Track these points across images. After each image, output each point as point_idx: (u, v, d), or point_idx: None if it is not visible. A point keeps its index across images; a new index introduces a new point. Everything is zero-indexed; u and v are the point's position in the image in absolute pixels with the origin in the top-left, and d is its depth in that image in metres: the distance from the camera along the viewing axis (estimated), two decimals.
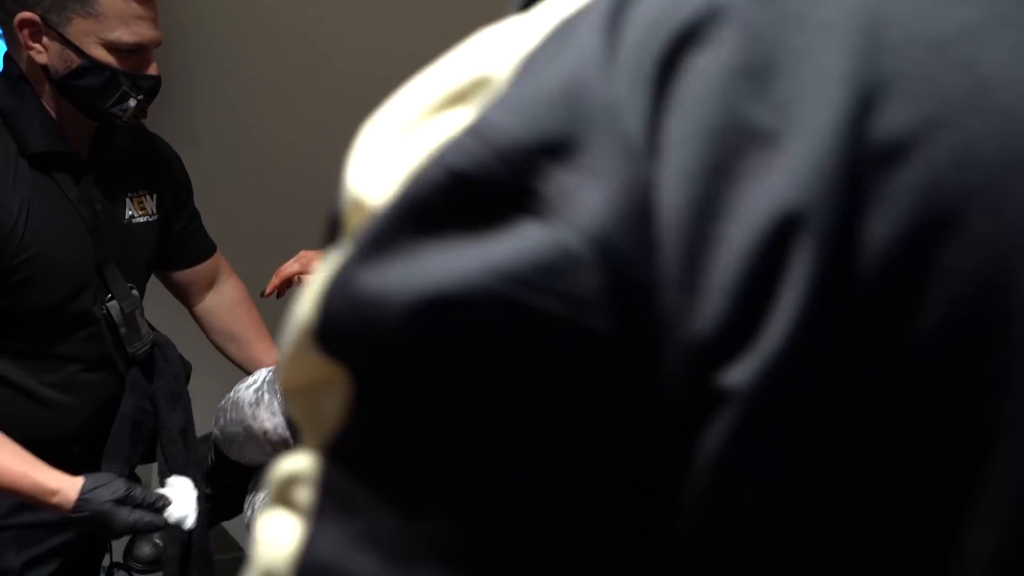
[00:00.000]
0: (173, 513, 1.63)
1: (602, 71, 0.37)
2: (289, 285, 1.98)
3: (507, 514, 0.36)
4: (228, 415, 1.75)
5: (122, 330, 1.78)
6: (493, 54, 0.39)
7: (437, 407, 0.36)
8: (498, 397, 0.35)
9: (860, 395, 0.36)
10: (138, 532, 1.60)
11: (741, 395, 0.35)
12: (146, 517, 1.58)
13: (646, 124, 0.36)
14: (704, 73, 0.37)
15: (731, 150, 0.36)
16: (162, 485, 1.72)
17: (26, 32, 1.62)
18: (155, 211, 1.88)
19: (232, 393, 1.79)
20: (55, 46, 1.63)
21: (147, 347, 1.84)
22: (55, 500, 1.55)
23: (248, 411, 1.71)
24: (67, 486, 1.55)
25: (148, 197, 1.87)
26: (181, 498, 1.65)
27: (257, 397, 1.74)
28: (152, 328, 1.89)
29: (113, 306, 1.77)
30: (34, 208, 1.65)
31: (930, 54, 0.38)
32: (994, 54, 0.38)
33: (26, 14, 1.61)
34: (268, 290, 1.89)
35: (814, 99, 0.36)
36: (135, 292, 1.83)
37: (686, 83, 0.37)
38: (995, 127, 0.37)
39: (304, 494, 0.39)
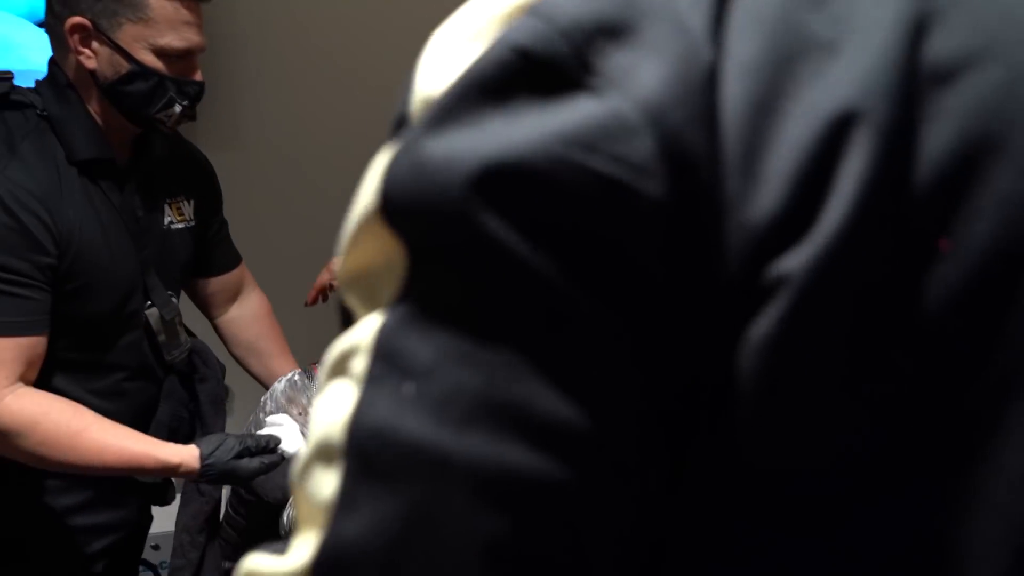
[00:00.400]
0: (287, 449, 1.71)
1: None
2: (326, 296, 2.07)
3: (560, 375, 0.36)
4: None
5: (160, 337, 1.78)
6: None
7: (497, 268, 0.37)
8: (557, 253, 0.36)
9: (910, 290, 0.37)
10: (263, 473, 1.69)
11: (795, 280, 0.36)
12: (266, 459, 1.67)
13: (708, 19, 0.38)
14: None
15: (791, 52, 0.38)
16: (261, 427, 1.77)
17: (76, 37, 1.61)
18: (192, 216, 1.87)
19: (253, 416, 1.78)
20: (105, 51, 1.62)
21: (184, 354, 1.84)
22: (181, 472, 1.64)
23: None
24: (187, 457, 1.63)
25: (186, 202, 1.86)
26: (288, 433, 1.72)
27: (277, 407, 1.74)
28: (191, 334, 1.89)
29: (152, 313, 1.76)
30: (87, 215, 1.64)
31: None
32: None
33: (77, 19, 1.59)
34: (309, 299, 2.07)
35: (871, 16, 0.38)
36: (174, 300, 1.82)
37: None
38: None
39: (359, 363, 0.39)
